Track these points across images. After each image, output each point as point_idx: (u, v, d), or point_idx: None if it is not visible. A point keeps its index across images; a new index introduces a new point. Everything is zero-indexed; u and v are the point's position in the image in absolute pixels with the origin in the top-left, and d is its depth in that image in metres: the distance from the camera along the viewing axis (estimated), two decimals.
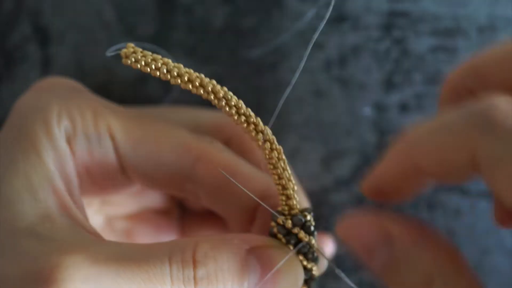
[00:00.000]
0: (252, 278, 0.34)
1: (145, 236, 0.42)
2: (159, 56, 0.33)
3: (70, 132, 0.37)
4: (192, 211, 0.44)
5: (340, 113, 0.46)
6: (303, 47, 0.46)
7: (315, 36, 0.31)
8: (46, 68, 0.47)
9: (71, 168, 0.37)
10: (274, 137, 0.34)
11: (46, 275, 0.32)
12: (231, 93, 0.33)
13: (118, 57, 0.47)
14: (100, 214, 0.42)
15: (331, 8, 0.32)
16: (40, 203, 0.35)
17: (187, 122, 0.41)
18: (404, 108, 0.46)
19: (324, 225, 0.47)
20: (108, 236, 0.41)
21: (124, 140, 0.38)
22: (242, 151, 0.40)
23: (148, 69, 0.33)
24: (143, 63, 0.33)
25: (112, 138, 0.38)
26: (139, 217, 0.43)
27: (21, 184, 0.35)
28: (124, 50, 0.33)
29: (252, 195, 0.36)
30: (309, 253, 0.35)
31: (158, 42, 0.46)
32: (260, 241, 0.35)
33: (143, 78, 0.47)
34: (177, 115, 0.42)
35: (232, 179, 0.35)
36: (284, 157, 0.34)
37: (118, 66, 0.47)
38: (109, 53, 0.33)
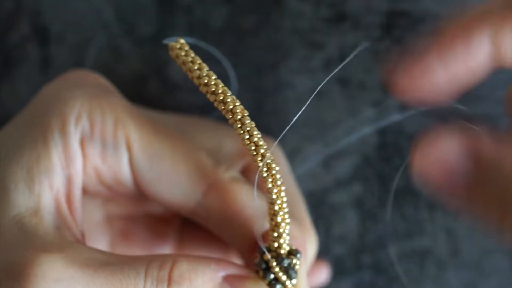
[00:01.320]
0: None
1: (141, 240, 0.42)
2: (199, 60, 0.33)
3: (87, 134, 0.36)
4: (193, 224, 0.44)
5: (340, 113, 0.46)
6: (303, 47, 0.46)
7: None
8: (46, 68, 0.47)
9: (77, 168, 0.36)
10: (278, 174, 0.33)
11: (19, 268, 0.33)
12: (249, 119, 0.33)
13: (118, 56, 0.47)
14: (102, 210, 0.42)
15: None
16: (34, 197, 0.35)
17: (208, 143, 0.40)
18: (404, 108, 0.46)
19: (324, 225, 0.47)
20: (105, 233, 0.41)
21: (140, 153, 0.37)
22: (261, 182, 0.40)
23: (184, 69, 0.33)
24: (181, 60, 0.33)
25: (129, 149, 0.37)
26: (139, 220, 0.43)
27: (20, 173, 0.35)
28: (172, 43, 0.34)
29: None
30: None
31: (158, 42, 0.46)
32: (237, 271, 0.35)
33: (143, 78, 0.47)
34: (200, 133, 0.41)
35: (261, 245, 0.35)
36: (284, 197, 0.34)
37: (118, 66, 0.47)
38: (165, 41, 0.34)
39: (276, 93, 0.37)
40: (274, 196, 0.34)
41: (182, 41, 0.34)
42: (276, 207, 0.34)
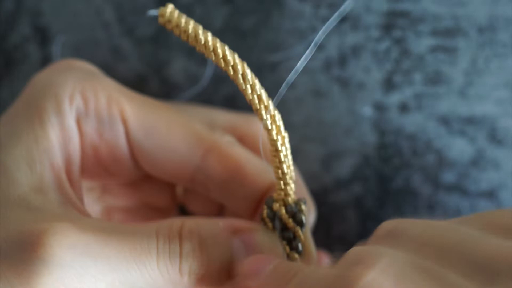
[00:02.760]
0: (236, 254, 0.35)
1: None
2: (192, 21, 0.33)
3: (82, 111, 0.37)
4: (190, 215, 0.44)
5: (340, 113, 0.46)
6: (303, 47, 0.46)
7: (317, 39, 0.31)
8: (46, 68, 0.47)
9: (75, 147, 0.37)
10: (281, 123, 0.34)
11: (33, 239, 0.33)
12: (250, 72, 0.33)
13: (118, 56, 0.47)
14: (100, 202, 0.42)
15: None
16: (36, 175, 0.36)
17: (201, 117, 0.41)
18: (404, 108, 0.46)
19: (324, 225, 0.47)
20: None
21: (136, 125, 0.38)
22: (253, 151, 0.40)
23: (177, 32, 0.33)
24: (174, 23, 0.33)
25: (124, 123, 0.38)
26: (137, 211, 0.43)
27: (20, 154, 0.36)
28: (162, 9, 0.33)
29: None
30: (294, 243, 0.36)
31: (158, 42, 0.46)
32: (245, 225, 0.36)
33: (143, 78, 0.47)
34: (191, 110, 0.43)
35: None
36: (288, 145, 0.34)
37: (118, 66, 0.47)
38: (150, 12, 0.34)
39: (276, 93, 0.37)
40: (280, 145, 0.34)
41: (171, 5, 0.33)
42: (282, 156, 0.34)
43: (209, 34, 0.33)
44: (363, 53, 0.45)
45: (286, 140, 0.34)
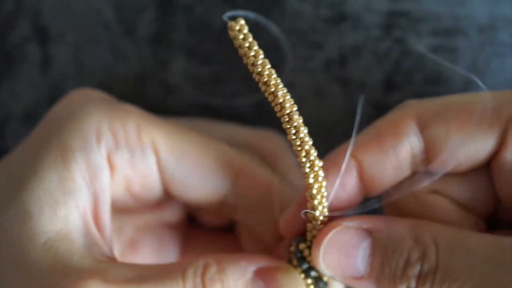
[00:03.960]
0: None
1: (149, 249, 0.42)
2: (255, 45, 0.33)
3: (112, 147, 0.36)
4: (197, 230, 0.44)
5: (340, 113, 0.46)
6: (303, 47, 0.46)
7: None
8: (46, 68, 0.47)
9: (103, 184, 0.36)
10: (322, 173, 0.34)
11: None
12: (297, 114, 0.34)
13: (117, 56, 0.47)
14: (114, 220, 0.41)
15: None
16: (61, 219, 0.34)
17: (223, 136, 0.41)
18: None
19: None
20: (115, 244, 0.41)
21: (166, 153, 0.37)
22: (275, 169, 0.40)
23: (240, 53, 0.33)
24: (238, 44, 0.33)
25: (156, 152, 0.37)
26: (148, 228, 0.43)
27: (43, 197, 0.34)
28: (232, 23, 0.33)
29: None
30: (320, 283, 0.36)
31: (158, 42, 0.46)
32: (268, 263, 0.35)
33: (143, 78, 0.47)
34: (213, 128, 0.42)
35: None
36: (325, 193, 0.35)
37: (118, 65, 0.47)
38: (225, 18, 0.34)
39: None
40: (315, 192, 0.34)
41: (242, 22, 0.33)
42: (316, 202, 0.35)
43: (267, 64, 0.33)
44: (363, 53, 0.45)
45: (323, 188, 0.35)
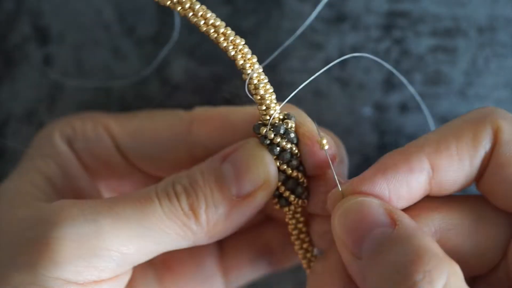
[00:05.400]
0: (229, 181, 0.36)
1: (185, 266, 0.43)
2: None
3: (71, 137, 0.42)
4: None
5: (340, 113, 0.46)
6: (303, 47, 0.46)
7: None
8: (46, 68, 0.47)
9: (73, 164, 0.42)
10: (250, 53, 0.36)
11: (45, 218, 0.36)
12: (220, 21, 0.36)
13: (118, 57, 0.47)
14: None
15: None
16: (42, 194, 0.39)
17: (219, 113, 0.42)
18: (404, 108, 0.46)
19: None
20: (147, 269, 0.43)
21: (121, 133, 0.42)
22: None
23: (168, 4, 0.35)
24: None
25: (111, 135, 0.42)
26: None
27: (26, 181, 0.40)
28: None
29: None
30: (291, 160, 0.37)
31: (158, 42, 0.46)
32: (232, 147, 0.38)
33: (143, 78, 0.47)
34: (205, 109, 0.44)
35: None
36: (261, 70, 0.37)
37: (118, 66, 0.47)
38: None
39: (276, 93, 0.37)
40: (249, 71, 0.36)
41: None
42: (255, 81, 0.36)
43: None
44: (363, 53, 0.45)
45: (256, 65, 0.37)
